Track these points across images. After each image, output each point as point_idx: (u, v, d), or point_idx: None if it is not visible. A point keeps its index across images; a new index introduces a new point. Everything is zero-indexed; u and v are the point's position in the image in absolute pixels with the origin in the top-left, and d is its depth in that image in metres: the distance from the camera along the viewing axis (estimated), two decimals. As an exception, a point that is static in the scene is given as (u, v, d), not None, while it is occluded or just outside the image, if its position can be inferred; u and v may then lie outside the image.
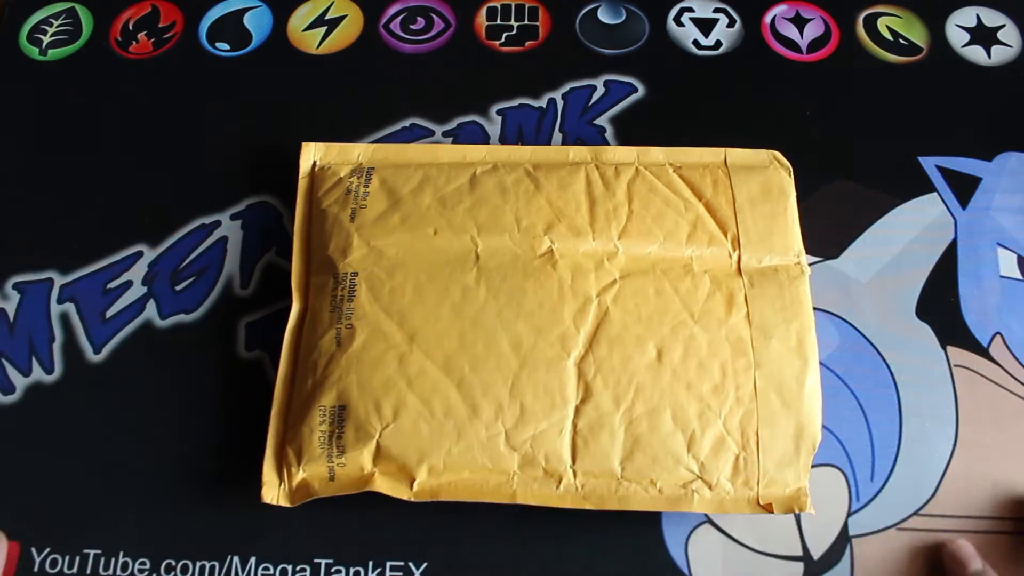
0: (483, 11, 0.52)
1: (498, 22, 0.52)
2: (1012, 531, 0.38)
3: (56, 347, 0.43)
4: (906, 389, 0.41)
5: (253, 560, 0.39)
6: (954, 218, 0.45)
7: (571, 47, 0.51)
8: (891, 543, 0.38)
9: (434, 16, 0.52)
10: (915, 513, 0.39)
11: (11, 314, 0.44)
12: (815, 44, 0.51)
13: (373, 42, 0.51)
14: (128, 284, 0.44)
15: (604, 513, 0.37)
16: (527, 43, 0.51)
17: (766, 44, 0.51)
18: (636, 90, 0.49)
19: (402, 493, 0.37)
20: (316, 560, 0.38)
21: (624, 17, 0.52)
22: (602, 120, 0.48)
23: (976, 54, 0.51)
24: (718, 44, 0.51)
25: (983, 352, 0.42)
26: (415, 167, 0.43)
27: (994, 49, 0.51)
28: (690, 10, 0.52)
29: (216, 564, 0.39)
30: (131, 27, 0.52)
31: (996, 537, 0.38)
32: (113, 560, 0.38)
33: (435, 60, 0.51)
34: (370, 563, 0.38)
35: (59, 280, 0.44)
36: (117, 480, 0.40)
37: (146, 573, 0.38)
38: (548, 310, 0.38)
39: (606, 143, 0.47)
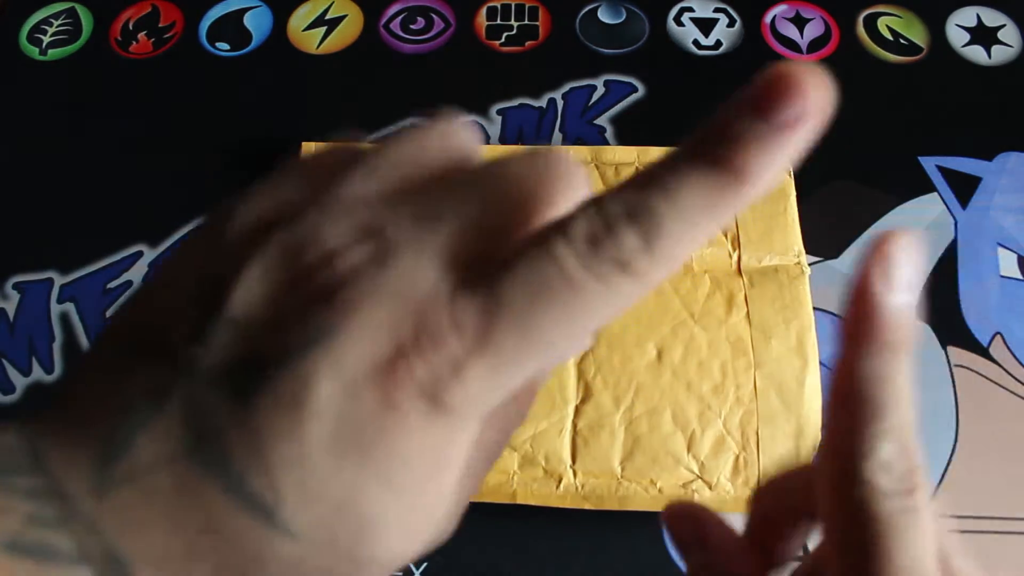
0: (483, 11, 0.52)
1: (498, 22, 0.52)
2: (1014, 531, 0.38)
3: (56, 347, 0.43)
4: (906, 389, 0.41)
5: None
6: (954, 218, 0.45)
7: (571, 47, 0.51)
8: (891, 543, 0.38)
9: (434, 16, 0.52)
10: (915, 513, 0.39)
11: (11, 314, 0.44)
12: (815, 44, 0.51)
13: (373, 42, 0.51)
14: (128, 284, 0.44)
15: (604, 513, 0.37)
16: (527, 43, 0.51)
17: (766, 44, 0.51)
18: (636, 90, 0.49)
19: (402, 493, 0.37)
20: (316, 560, 0.38)
21: (624, 17, 0.52)
22: (602, 120, 0.48)
23: (976, 54, 0.51)
24: (718, 44, 0.51)
25: (983, 352, 0.42)
26: (415, 167, 0.43)
27: (994, 49, 0.51)
28: (690, 10, 0.52)
29: (216, 564, 0.38)
30: (131, 27, 0.52)
31: (997, 537, 0.38)
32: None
33: (435, 60, 0.51)
34: (370, 563, 0.38)
35: (59, 280, 0.44)
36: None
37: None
38: (548, 310, 0.38)
39: (606, 143, 0.47)
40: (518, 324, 0.13)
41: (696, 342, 0.38)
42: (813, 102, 0.14)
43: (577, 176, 0.15)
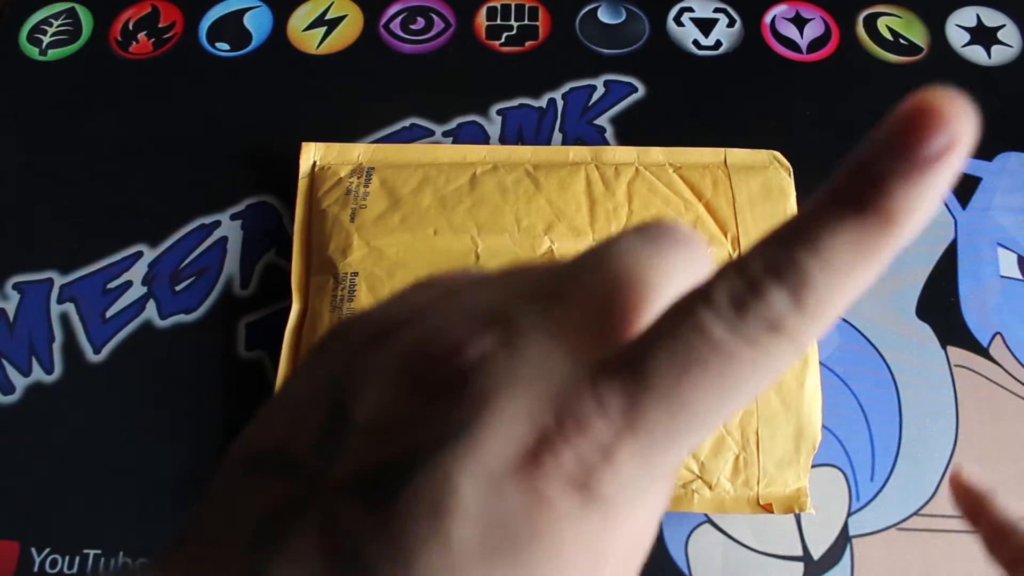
0: (483, 11, 0.52)
1: (498, 22, 0.52)
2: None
3: (56, 347, 0.43)
4: (906, 389, 0.41)
5: (253, 560, 0.39)
6: (954, 218, 0.45)
7: (571, 47, 0.51)
8: (891, 543, 0.38)
9: (434, 16, 0.52)
10: (915, 513, 0.39)
11: (11, 314, 0.44)
12: (815, 44, 0.51)
13: (373, 42, 0.51)
14: (128, 284, 0.44)
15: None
16: (527, 43, 0.51)
17: (766, 44, 0.51)
18: (636, 90, 0.49)
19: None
20: (316, 560, 0.38)
21: (624, 17, 0.52)
22: (602, 120, 0.48)
23: (976, 54, 0.51)
24: (718, 44, 0.51)
25: (983, 352, 0.42)
26: (415, 167, 0.43)
27: (994, 49, 0.51)
28: (690, 10, 0.52)
29: (216, 564, 0.38)
30: (131, 27, 0.52)
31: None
32: (113, 560, 0.38)
33: (435, 60, 0.51)
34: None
35: (59, 280, 0.44)
36: (117, 480, 0.40)
37: (146, 573, 0.38)
38: (548, 310, 0.38)
39: (606, 143, 0.47)
40: (668, 401, 0.12)
41: (696, 342, 0.38)
42: (957, 130, 0.12)
43: (694, 242, 0.15)
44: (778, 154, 0.44)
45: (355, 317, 0.15)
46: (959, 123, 0.12)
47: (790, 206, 0.42)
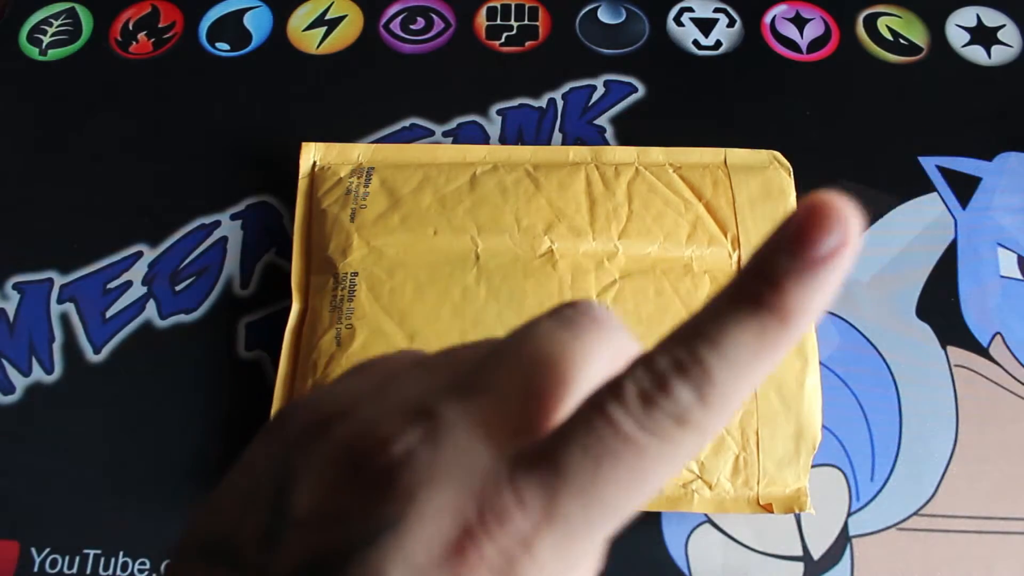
0: (483, 11, 0.52)
1: (498, 22, 0.52)
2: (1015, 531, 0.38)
3: (56, 347, 0.43)
4: (906, 389, 0.41)
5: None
6: (954, 218, 0.45)
7: (571, 47, 0.51)
8: (891, 543, 0.38)
9: (434, 16, 0.52)
10: (915, 513, 0.39)
11: (11, 314, 0.44)
12: (815, 44, 0.51)
13: (373, 42, 0.51)
14: (128, 284, 0.44)
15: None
16: (527, 43, 0.51)
17: (766, 44, 0.51)
18: (636, 90, 0.49)
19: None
20: (316, 560, 0.38)
21: (624, 17, 0.52)
22: (602, 120, 0.48)
23: (976, 54, 0.51)
24: (718, 44, 0.51)
25: (983, 352, 0.42)
26: (415, 167, 0.43)
27: (994, 49, 0.51)
28: (690, 10, 0.52)
29: (216, 564, 0.38)
30: (131, 27, 0.52)
31: (997, 537, 0.38)
32: (113, 560, 0.38)
33: (435, 60, 0.51)
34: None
35: (59, 280, 0.44)
36: (117, 480, 0.40)
37: (146, 573, 0.38)
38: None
39: (606, 143, 0.47)
40: (583, 492, 0.13)
41: (696, 342, 0.38)
42: (846, 231, 0.13)
43: (611, 323, 0.15)
44: (778, 154, 0.44)
45: (296, 404, 0.16)
46: (848, 225, 0.13)
47: (790, 206, 0.42)
